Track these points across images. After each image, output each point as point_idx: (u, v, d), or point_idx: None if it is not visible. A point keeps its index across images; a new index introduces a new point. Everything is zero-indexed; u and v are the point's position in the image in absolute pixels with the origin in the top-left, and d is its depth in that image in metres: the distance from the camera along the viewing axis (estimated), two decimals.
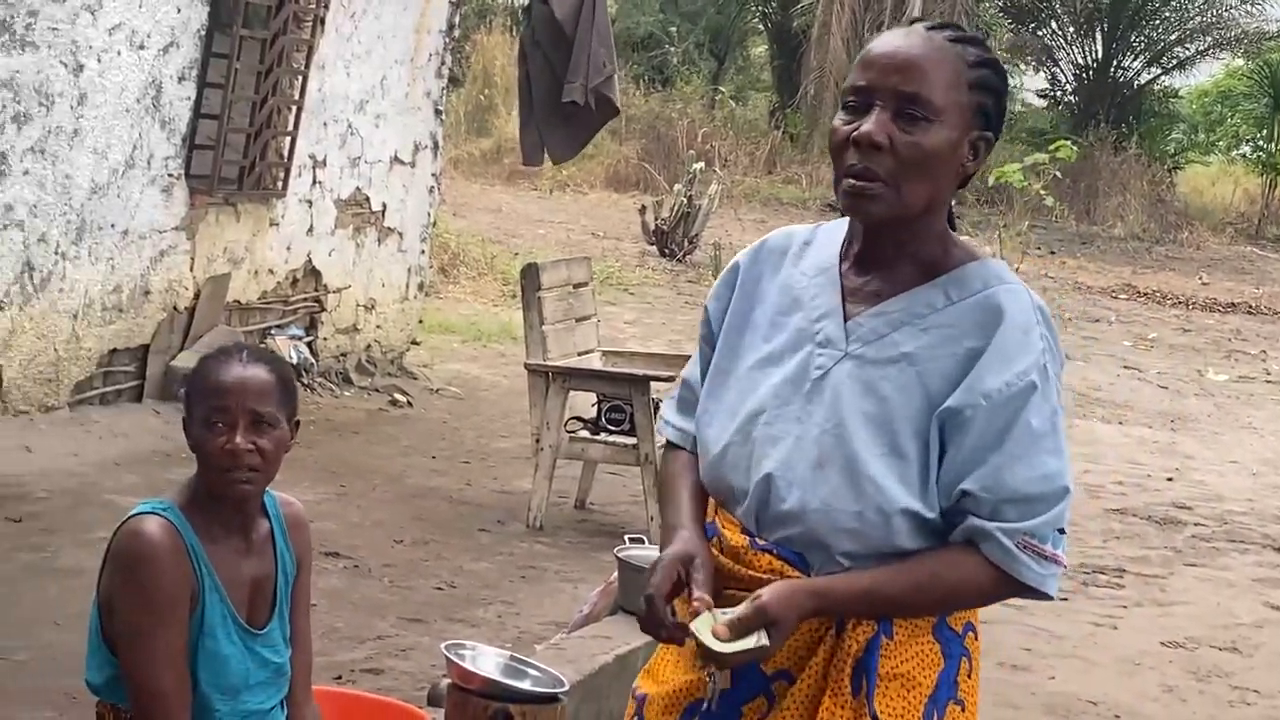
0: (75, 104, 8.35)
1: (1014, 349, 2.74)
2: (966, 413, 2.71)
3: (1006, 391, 2.71)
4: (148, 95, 8.90)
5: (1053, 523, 2.73)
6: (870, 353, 2.80)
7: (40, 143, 8.18)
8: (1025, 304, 2.80)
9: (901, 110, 2.75)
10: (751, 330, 2.95)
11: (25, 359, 8.35)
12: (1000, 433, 2.71)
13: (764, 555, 2.80)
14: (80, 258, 8.61)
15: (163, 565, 3.58)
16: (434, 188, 12.04)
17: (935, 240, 2.87)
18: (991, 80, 2.86)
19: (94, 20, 8.35)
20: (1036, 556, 2.72)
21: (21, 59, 7.94)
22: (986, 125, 2.85)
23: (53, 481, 7.84)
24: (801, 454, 2.77)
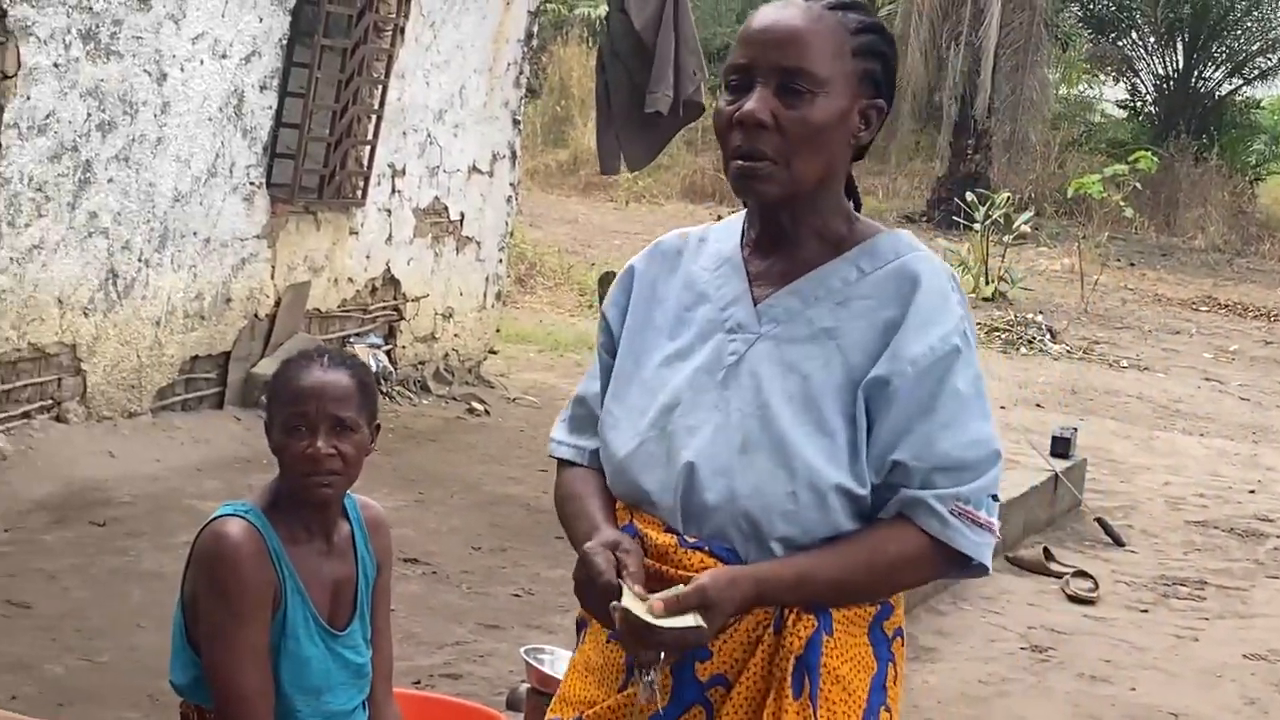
0: (159, 112, 8.42)
1: (934, 314, 2.68)
2: (893, 382, 2.63)
3: (930, 356, 2.64)
4: (230, 104, 8.97)
5: (986, 488, 2.66)
6: (785, 332, 2.71)
7: (124, 151, 8.26)
8: (939, 270, 2.75)
9: (784, 85, 2.65)
10: (654, 331, 2.83)
11: (109, 365, 8.43)
12: (927, 399, 2.64)
13: (695, 553, 2.66)
14: (163, 265, 8.68)
15: (245, 566, 3.61)
16: (511, 197, 12.07)
17: (837, 215, 2.79)
18: (877, 45, 2.76)
19: (177, 30, 8.42)
20: (971, 523, 2.64)
21: (107, 68, 8.01)
22: (876, 92, 2.75)
23: (136, 487, 7.90)
24: (725, 440, 2.66)
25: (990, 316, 18.41)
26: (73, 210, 8.02)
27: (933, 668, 7.03)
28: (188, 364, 9.08)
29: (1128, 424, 13.62)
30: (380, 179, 10.42)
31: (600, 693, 2.74)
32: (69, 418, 8.21)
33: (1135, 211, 24.22)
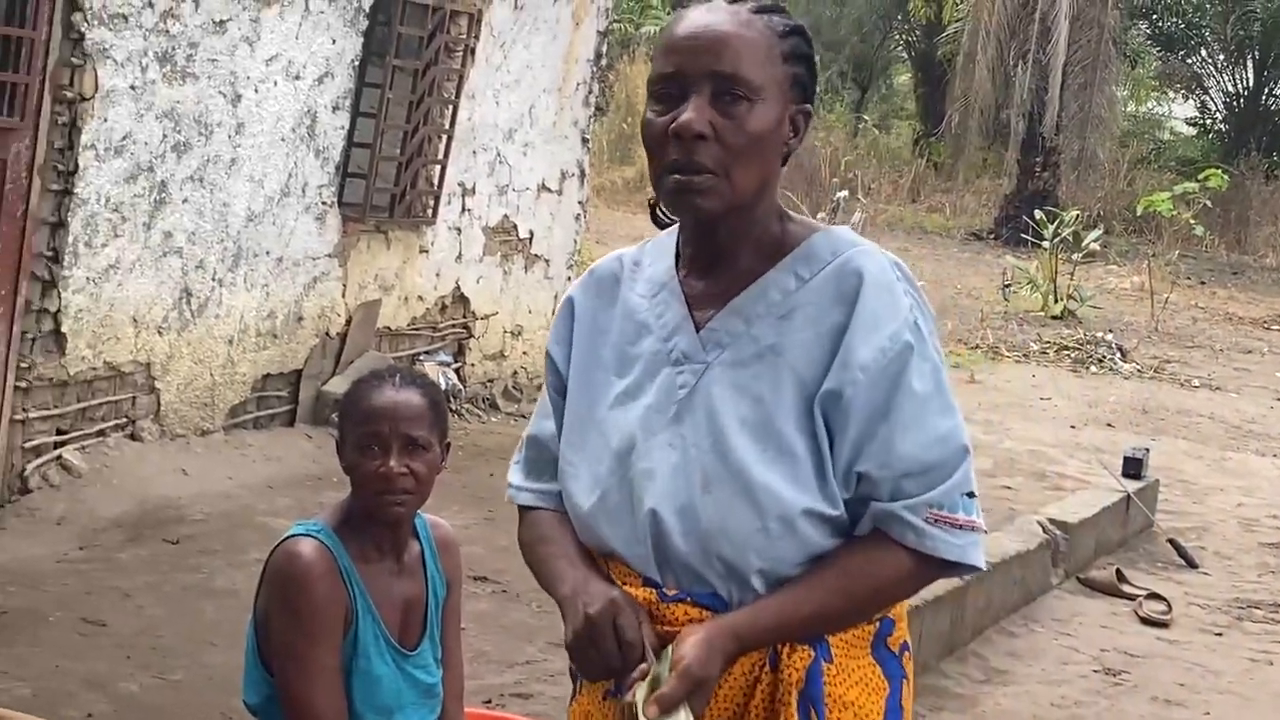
0: (233, 133, 8.48)
1: (881, 312, 2.53)
2: (846, 392, 2.49)
3: (882, 359, 2.50)
4: (303, 125, 9.02)
5: (958, 487, 2.53)
6: (732, 356, 2.57)
7: (199, 171, 8.31)
8: (882, 263, 2.59)
9: (720, 92, 2.51)
10: (602, 369, 2.69)
11: (182, 383, 8.48)
12: (884, 403, 2.50)
13: (678, 606, 2.54)
14: (236, 284, 8.73)
15: (316, 586, 3.63)
16: (580, 215, 12.10)
17: (771, 225, 2.65)
18: (802, 48, 2.64)
19: (252, 52, 8.48)
20: (949, 528, 2.51)
21: (182, 90, 8.07)
22: (804, 97, 2.64)
23: (209, 504, 7.94)
24: (684, 480, 2.53)
25: (1059, 335, 18.33)
26: (148, 230, 8.08)
27: (1005, 690, 6.99)
28: (260, 382, 9.13)
29: (1200, 444, 13.52)
30: (450, 198, 10.46)
31: None
32: (143, 435, 8.27)
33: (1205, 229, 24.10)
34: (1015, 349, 17.48)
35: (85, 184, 7.65)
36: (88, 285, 7.79)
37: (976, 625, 7.61)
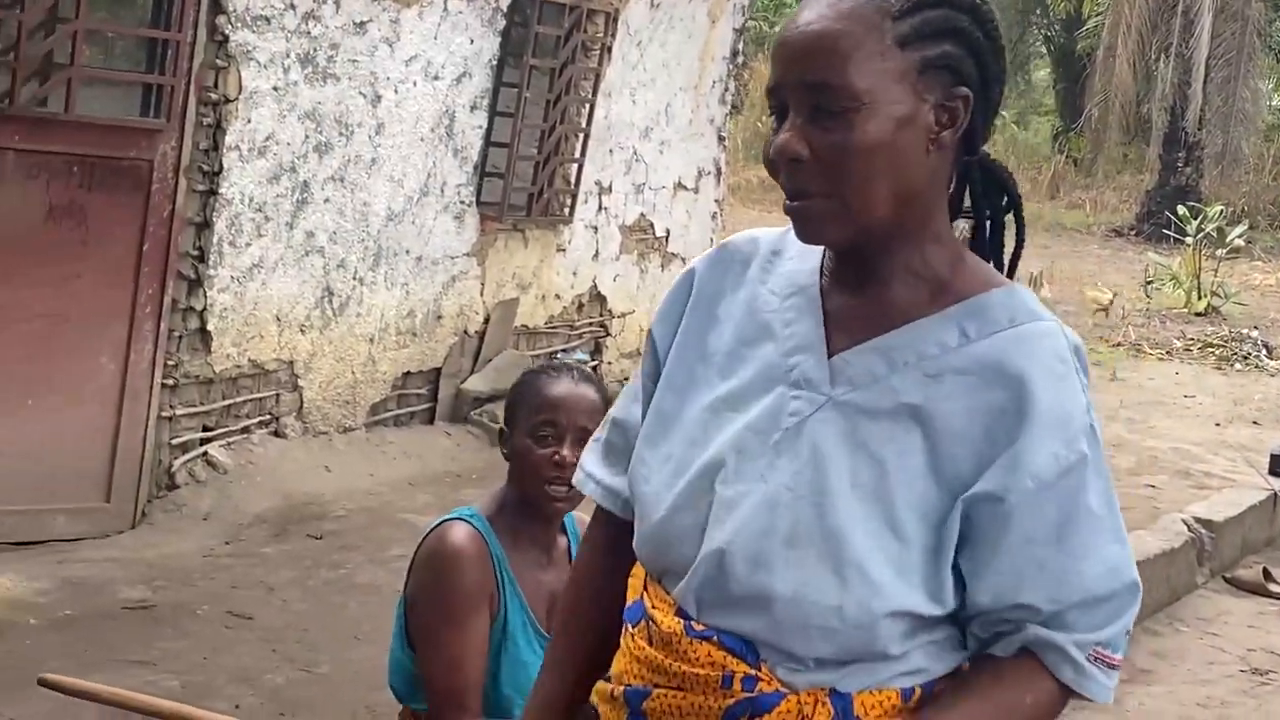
0: (373, 134, 8.56)
1: (1058, 411, 2.11)
2: (1010, 499, 2.09)
3: (1057, 467, 2.09)
4: (441, 124, 9.09)
5: (1126, 626, 2.19)
6: (861, 400, 2.16)
7: (340, 171, 8.41)
8: (1062, 346, 2.16)
9: (816, 106, 2.11)
10: (705, 362, 2.30)
11: (325, 381, 8.58)
12: (1059, 524, 2.11)
13: (702, 645, 2.17)
14: (376, 283, 8.82)
15: (465, 568, 3.68)
16: (716, 214, 12.09)
17: (937, 253, 2.21)
18: (939, 22, 2.15)
19: (391, 53, 8.56)
20: (1106, 668, 2.17)
21: (324, 90, 8.17)
22: (958, 79, 2.15)
23: (351, 500, 8.03)
24: (769, 525, 2.14)
25: (1204, 332, 18.10)
26: (290, 230, 8.19)
27: (1149, 690, 6.94)
28: (400, 380, 9.21)
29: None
30: (587, 196, 10.50)
31: None
32: (287, 432, 8.37)
33: None
34: (1158, 346, 17.29)
35: (229, 184, 7.76)
36: (232, 284, 7.90)
37: None
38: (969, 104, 2.16)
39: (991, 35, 2.20)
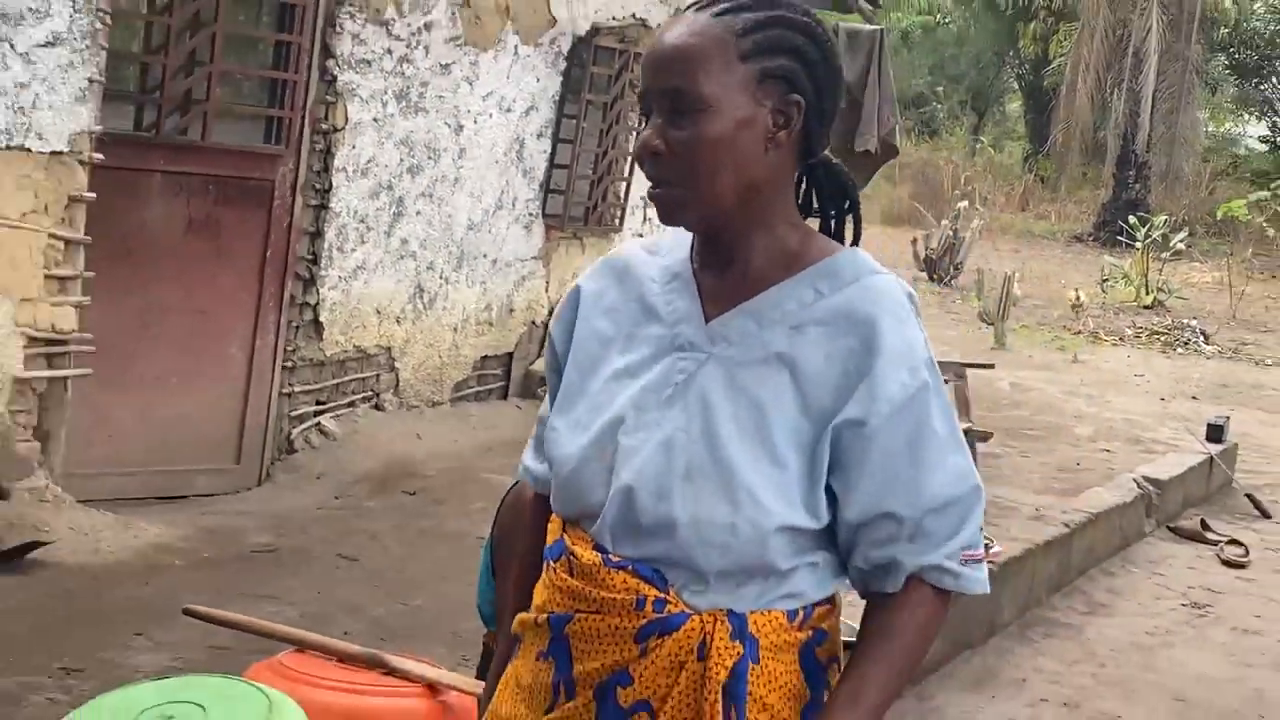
0: (456, 157, 8.58)
1: (903, 345, 2.15)
2: (870, 423, 2.11)
3: (904, 394, 2.13)
4: (513, 150, 9.10)
5: (978, 524, 2.18)
6: (737, 354, 2.17)
7: (429, 189, 8.42)
8: (899, 294, 2.20)
9: (673, 109, 2.14)
10: (605, 346, 2.28)
11: (417, 364, 8.61)
12: (910, 442, 2.13)
13: (619, 573, 2.15)
14: (459, 282, 8.84)
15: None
16: None
17: (788, 232, 2.23)
18: (776, 40, 2.16)
19: (471, 89, 8.58)
20: (975, 564, 2.17)
21: (415, 121, 8.18)
22: (792, 88, 2.15)
23: (439, 462, 8.06)
24: (667, 463, 2.13)
25: (1151, 322, 18.08)
26: (388, 238, 8.21)
27: (1106, 621, 6.93)
28: (479, 362, 9.23)
29: (1273, 413, 13.25)
30: (633, 210, 10.49)
31: (528, 713, 2.29)
32: (385, 406, 8.40)
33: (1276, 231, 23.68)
34: (1112, 334, 17.25)
35: (337, 200, 7.78)
36: (340, 283, 7.93)
37: (1081, 566, 7.55)
38: (801, 109, 2.16)
39: (825, 52, 2.20)
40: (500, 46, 8.76)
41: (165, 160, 6.90)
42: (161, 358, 7.09)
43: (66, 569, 5.89)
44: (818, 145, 2.23)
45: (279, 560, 6.35)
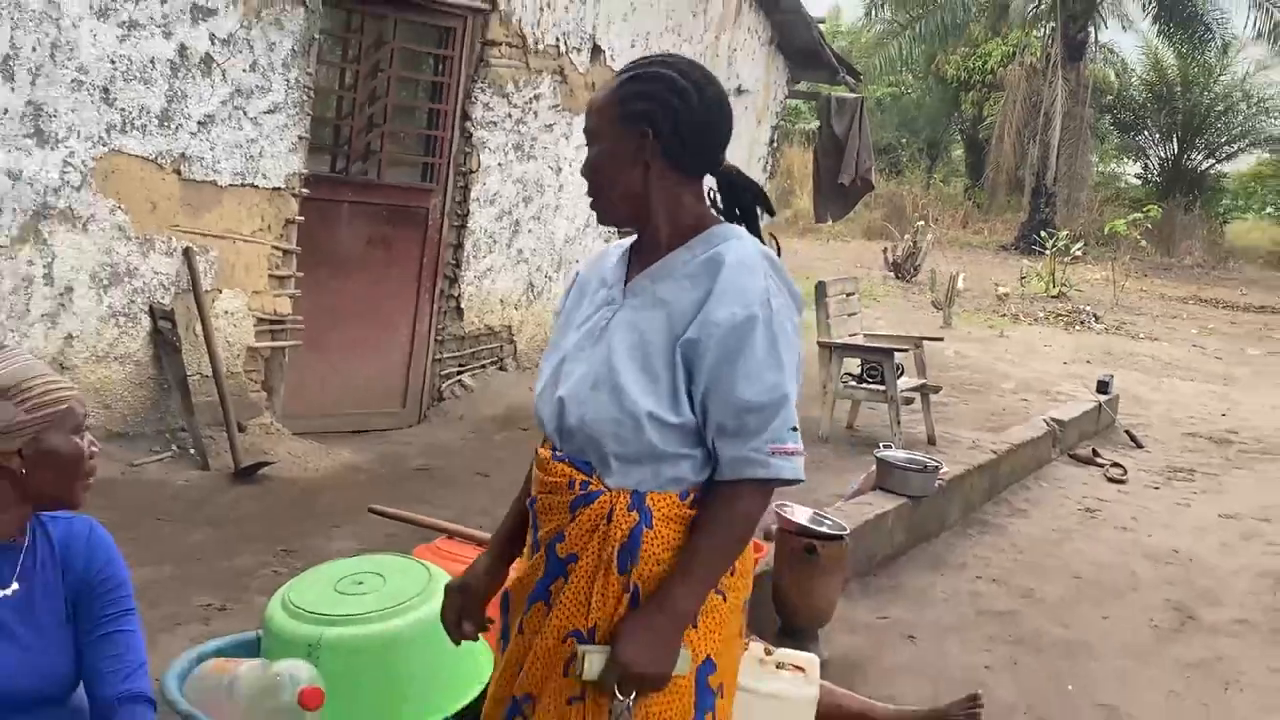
0: (556, 191, 8.58)
1: (737, 287, 2.13)
2: (703, 341, 2.12)
3: (732, 321, 2.11)
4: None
5: (786, 423, 2.13)
6: (638, 303, 2.22)
7: (538, 213, 8.43)
8: (751, 252, 2.18)
9: (588, 143, 2.28)
10: (578, 312, 2.33)
11: (529, 337, 8.62)
12: (731, 357, 2.11)
13: (559, 464, 2.21)
14: (558, 279, 8.83)
15: None
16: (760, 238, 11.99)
17: (683, 216, 2.25)
18: (637, 90, 2.21)
19: (567, 141, 8.56)
20: (784, 455, 2.12)
21: (527, 165, 8.19)
22: (649, 122, 2.18)
23: None
24: (584, 381, 2.19)
25: (1056, 307, 17.89)
26: (508, 248, 8.22)
27: (1024, 521, 6.89)
28: None
29: (1144, 373, 13.09)
30: None
31: (524, 562, 2.33)
32: (507, 368, 8.42)
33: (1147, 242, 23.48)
34: (1029, 316, 17.06)
35: (473, 222, 7.80)
36: (474, 280, 7.95)
37: (1006, 483, 7.50)
38: (649, 138, 2.19)
39: (683, 99, 2.21)
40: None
41: (352, 194, 6.95)
42: (349, 333, 7.15)
43: (285, 481, 5.97)
44: (691, 163, 2.25)
45: (432, 476, 6.39)
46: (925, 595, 5.45)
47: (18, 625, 2.03)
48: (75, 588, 2.12)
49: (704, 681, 2.20)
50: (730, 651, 2.27)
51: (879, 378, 8.19)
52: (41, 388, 2.02)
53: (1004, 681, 4.55)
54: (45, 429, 2.01)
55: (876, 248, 21.87)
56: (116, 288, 5.82)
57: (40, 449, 2.01)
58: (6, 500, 2.04)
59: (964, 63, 30.54)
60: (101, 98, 5.57)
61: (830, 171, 11.17)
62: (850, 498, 5.99)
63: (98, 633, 2.12)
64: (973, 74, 30.56)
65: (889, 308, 16.28)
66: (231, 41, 6.04)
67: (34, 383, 2.02)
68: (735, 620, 2.26)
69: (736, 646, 2.30)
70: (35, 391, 2.01)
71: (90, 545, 2.16)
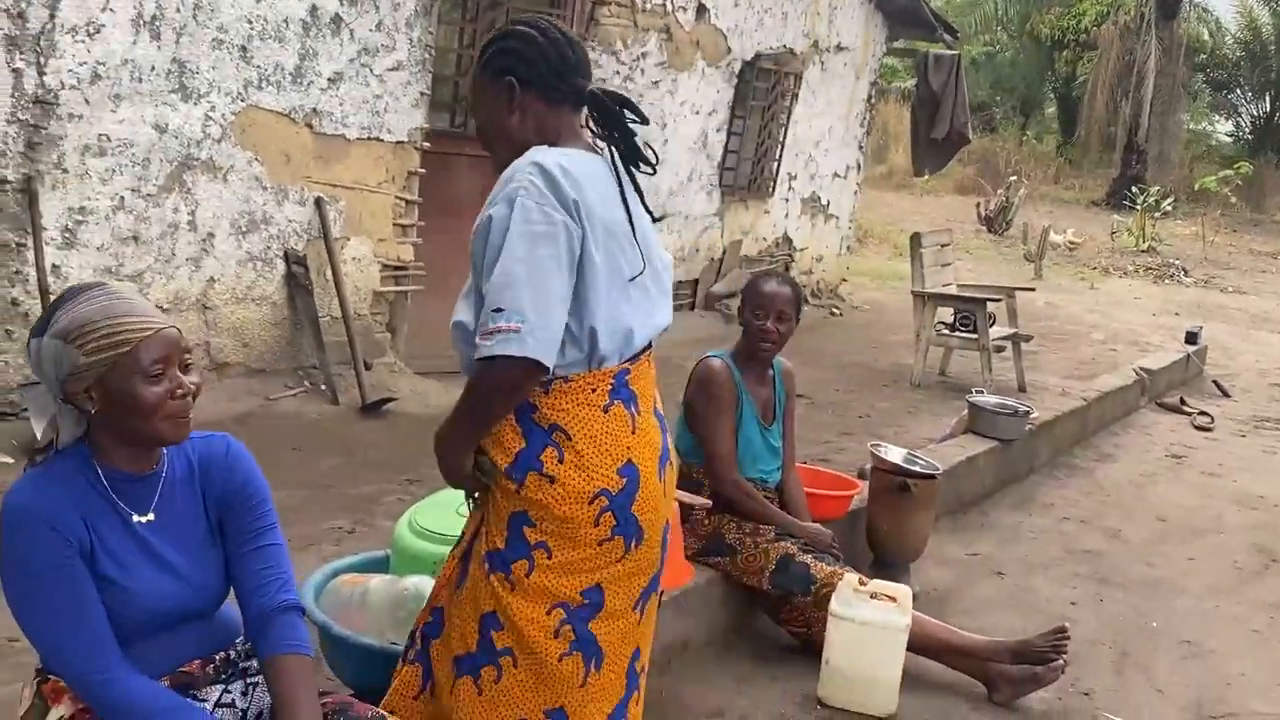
0: (662, 145, 8.56)
1: (497, 193, 2.18)
2: (474, 243, 2.19)
3: (480, 223, 2.18)
4: (700, 140, 9.05)
5: (491, 306, 2.12)
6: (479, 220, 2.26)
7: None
8: (523, 164, 2.18)
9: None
10: None
11: None
12: (482, 251, 2.16)
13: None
14: (663, 231, 8.84)
15: (720, 382, 3.72)
16: (856, 191, 11.88)
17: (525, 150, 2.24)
18: (495, 49, 2.30)
19: (673, 98, 8.54)
20: (487, 335, 2.11)
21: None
22: (509, 70, 2.27)
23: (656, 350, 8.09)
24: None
25: (1146, 261, 17.43)
26: None
27: (1111, 466, 6.76)
28: (675, 285, 9.23)
29: (1232, 325, 12.71)
30: (782, 181, 10.39)
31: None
32: None
33: (1237, 199, 22.71)
34: (1118, 270, 16.64)
35: None
36: None
37: (1095, 429, 7.37)
38: (513, 85, 2.27)
39: (531, 43, 2.28)
40: (692, 68, 8.69)
41: (470, 147, 6.97)
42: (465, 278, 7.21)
43: (407, 416, 6.06)
44: (555, 94, 2.28)
45: None
46: (1013, 533, 5.38)
47: (162, 547, 2.03)
48: (217, 506, 2.11)
49: (487, 633, 2.22)
50: (528, 616, 2.21)
51: (971, 326, 8.06)
52: (105, 330, 1.93)
53: (1089, 616, 4.48)
54: (108, 372, 1.93)
55: (969, 203, 21.45)
56: (254, 234, 5.94)
57: (106, 390, 1.94)
58: (111, 437, 1.99)
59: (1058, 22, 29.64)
60: (240, 55, 5.66)
61: (925, 126, 10.98)
62: (943, 440, 5.93)
63: (246, 547, 2.10)
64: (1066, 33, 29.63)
65: (980, 260, 15.99)
66: (359, 2, 6.09)
67: (97, 326, 1.93)
68: (540, 593, 2.21)
69: (539, 616, 2.22)
70: (97, 334, 1.92)
71: (229, 463, 2.14)
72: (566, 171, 2.17)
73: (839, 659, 3.50)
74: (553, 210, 2.14)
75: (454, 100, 6.96)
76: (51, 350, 1.94)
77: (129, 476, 2.02)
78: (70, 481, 1.97)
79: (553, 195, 2.14)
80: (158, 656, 2.03)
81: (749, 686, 3.60)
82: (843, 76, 10.82)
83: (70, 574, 1.91)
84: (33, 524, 1.89)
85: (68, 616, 1.91)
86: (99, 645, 1.92)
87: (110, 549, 1.97)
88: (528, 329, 2.10)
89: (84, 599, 1.92)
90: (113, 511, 2.00)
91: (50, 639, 1.92)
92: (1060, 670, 3.68)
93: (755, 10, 9.24)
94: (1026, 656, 3.67)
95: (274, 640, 2.06)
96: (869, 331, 10.21)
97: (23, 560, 1.90)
